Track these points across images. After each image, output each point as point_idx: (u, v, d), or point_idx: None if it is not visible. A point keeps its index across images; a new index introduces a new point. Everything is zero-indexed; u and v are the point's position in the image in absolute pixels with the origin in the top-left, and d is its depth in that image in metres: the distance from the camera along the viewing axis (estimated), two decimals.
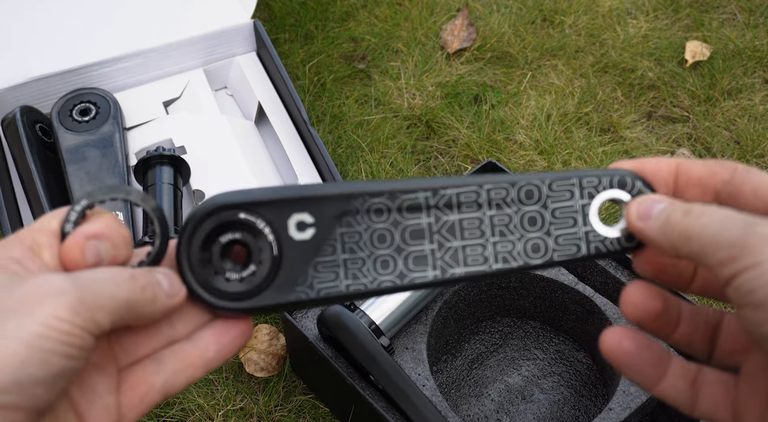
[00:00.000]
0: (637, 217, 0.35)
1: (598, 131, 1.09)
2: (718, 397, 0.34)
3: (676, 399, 0.35)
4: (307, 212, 0.36)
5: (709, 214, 0.31)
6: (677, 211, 0.33)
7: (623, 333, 0.35)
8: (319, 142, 0.93)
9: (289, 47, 1.16)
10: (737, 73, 1.16)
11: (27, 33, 0.99)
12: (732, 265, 0.29)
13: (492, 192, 0.37)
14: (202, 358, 0.36)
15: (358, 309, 0.72)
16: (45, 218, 0.34)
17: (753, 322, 0.28)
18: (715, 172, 0.34)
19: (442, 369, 0.80)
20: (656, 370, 0.35)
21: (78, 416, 0.33)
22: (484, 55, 1.18)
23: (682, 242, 0.31)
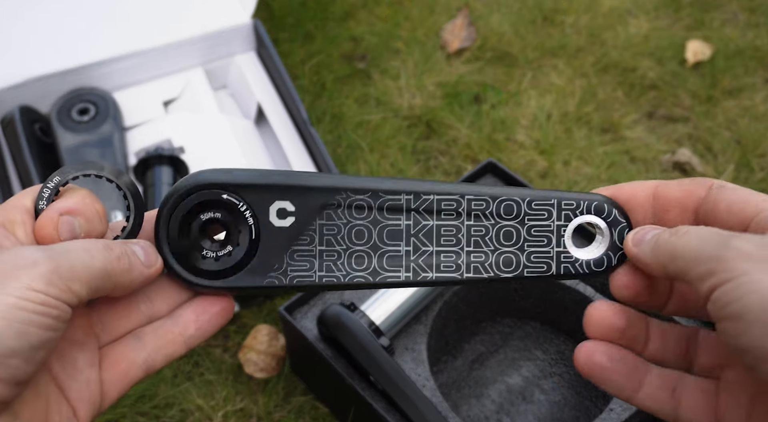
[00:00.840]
0: (632, 244, 0.36)
1: (599, 131, 1.09)
2: (700, 407, 0.34)
3: (657, 409, 0.35)
4: (290, 201, 0.36)
5: (692, 231, 0.32)
6: (666, 232, 0.34)
7: (595, 347, 0.36)
8: (319, 141, 0.92)
9: (289, 47, 1.16)
10: (738, 73, 1.16)
11: (26, 33, 0.99)
12: (710, 280, 0.30)
13: (473, 203, 0.37)
14: (183, 335, 0.36)
15: (358, 309, 0.72)
16: (18, 196, 0.35)
17: (731, 334, 0.29)
18: (690, 191, 0.35)
19: (443, 370, 0.80)
20: (631, 382, 0.35)
21: (60, 390, 0.33)
22: (484, 55, 1.18)
23: (669, 260, 0.32)
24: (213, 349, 0.86)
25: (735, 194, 0.34)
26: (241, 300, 0.87)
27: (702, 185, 0.35)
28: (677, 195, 0.36)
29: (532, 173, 1.03)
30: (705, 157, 1.06)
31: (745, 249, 0.29)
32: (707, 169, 1.04)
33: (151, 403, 0.81)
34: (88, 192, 0.35)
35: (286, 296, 0.89)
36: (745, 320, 0.28)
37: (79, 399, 0.34)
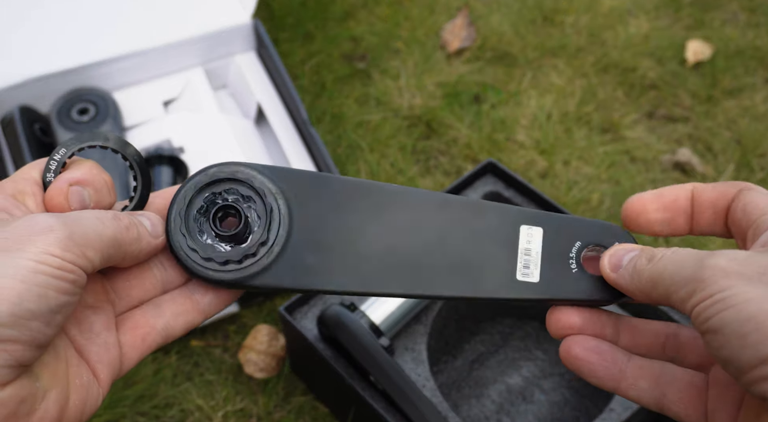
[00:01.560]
0: (610, 269, 0.36)
1: (599, 131, 1.09)
2: (688, 400, 0.35)
3: (641, 399, 0.36)
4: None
5: (668, 257, 0.33)
6: (642, 258, 0.34)
7: (573, 340, 0.37)
8: (319, 141, 0.92)
9: (289, 47, 1.16)
10: (738, 73, 1.16)
11: (26, 33, 0.99)
12: (691, 300, 0.30)
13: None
14: (200, 304, 0.37)
15: (358, 309, 0.72)
16: (25, 168, 0.35)
17: (713, 347, 0.30)
18: (723, 192, 0.36)
19: (443, 370, 0.80)
20: (610, 372, 0.36)
21: (79, 354, 0.34)
22: (484, 55, 1.18)
23: (650, 287, 0.33)
24: (213, 349, 0.86)
25: (753, 198, 0.34)
26: (241, 300, 0.87)
27: (734, 186, 0.35)
28: (711, 196, 0.36)
29: (532, 173, 1.03)
30: (705, 157, 1.06)
31: (720, 266, 0.30)
32: (707, 169, 1.04)
33: (151, 403, 0.81)
34: (95, 163, 0.36)
35: (286, 296, 0.89)
36: (723, 333, 0.29)
37: (98, 362, 0.34)
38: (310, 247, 0.36)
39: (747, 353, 0.28)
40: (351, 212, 0.37)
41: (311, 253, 0.36)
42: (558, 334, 0.37)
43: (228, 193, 0.37)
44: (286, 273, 0.36)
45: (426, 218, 0.38)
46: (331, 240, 0.37)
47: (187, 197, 0.36)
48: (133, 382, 0.82)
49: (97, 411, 0.79)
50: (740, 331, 0.28)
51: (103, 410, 0.79)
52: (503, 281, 0.37)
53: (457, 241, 0.38)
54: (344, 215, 0.37)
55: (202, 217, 0.36)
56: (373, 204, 0.38)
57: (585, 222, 0.38)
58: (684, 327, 0.37)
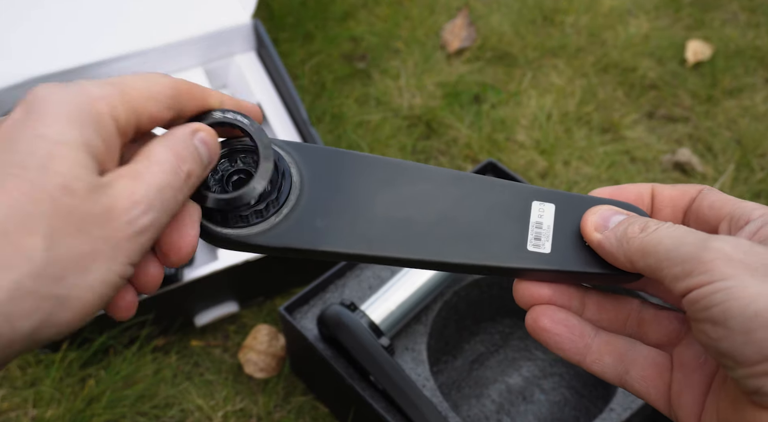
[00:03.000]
0: (593, 227, 0.36)
1: (599, 131, 1.09)
2: (651, 379, 0.35)
3: (604, 374, 0.36)
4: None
5: (664, 230, 0.32)
6: (634, 225, 0.34)
7: (541, 310, 0.36)
8: (319, 141, 0.92)
9: (289, 47, 1.16)
10: (738, 73, 1.16)
11: (26, 33, 0.99)
12: (687, 280, 0.30)
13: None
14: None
15: (358, 309, 0.72)
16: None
17: (710, 337, 0.29)
18: (684, 191, 0.36)
19: (443, 370, 0.80)
20: (575, 345, 0.36)
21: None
22: (484, 55, 1.18)
23: (639, 256, 0.32)
24: (213, 349, 0.86)
25: (719, 196, 0.35)
26: (241, 300, 0.87)
27: (694, 187, 0.36)
28: (671, 194, 0.37)
29: (532, 173, 1.03)
30: (705, 157, 1.06)
31: (725, 251, 0.29)
32: (707, 169, 1.04)
33: (151, 403, 0.81)
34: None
35: (286, 296, 0.89)
36: (726, 326, 0.28)
37: None
38: (320, 212, 0.37)
39: (750, 349, 0.28)
40: (363, 182, 0.38)
41: (321, 217, 0.36)
42: (526, 303, 0.37)
43: (242, 160, 0.37)
44: (293, 234, 0.36)
45: (438, 191, 0.38)
46: (341, 206, 0.37)
47: None
48: (133, 382, 0.82)
49: (96, 412, 0.79)
50: (747, 327, 0.28)
51: (102, 410, 0.79)
52: (513, 250, 0.37)
53: (467, 213, 0.38)
54: (356, 185, 0.37)
55: (213, 179, 0.36)
56: (385, 176, 0.38)
57: (599, 200, 0.38)
58: (648, 304, 0.37)
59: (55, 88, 0.30)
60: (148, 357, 0.84)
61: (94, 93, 0.30)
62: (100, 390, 0.80)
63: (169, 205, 0.31)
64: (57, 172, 0.28)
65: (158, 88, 0.33)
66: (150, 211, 0.30)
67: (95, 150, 0.30)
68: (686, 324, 0.36)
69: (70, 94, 0.30)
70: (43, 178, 0.28)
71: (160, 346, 0.85)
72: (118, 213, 0.29)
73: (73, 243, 0.28)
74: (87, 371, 0.82)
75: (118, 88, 0.31)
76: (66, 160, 0.28)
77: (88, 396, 0.80)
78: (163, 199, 0.31)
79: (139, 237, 0.30)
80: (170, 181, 0.31)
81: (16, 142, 0.29)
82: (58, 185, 0.28)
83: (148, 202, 0.30)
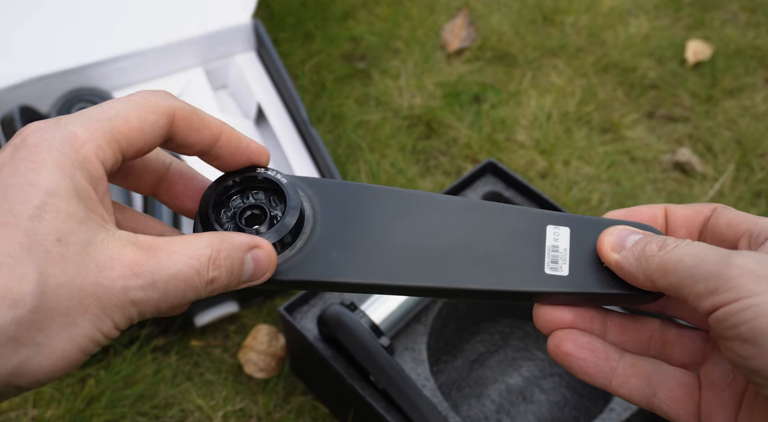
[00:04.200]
0: (610, 248, 0.35)
1: (599, 131, 1.09)
2: (680, 400, 0.35)
3: (631, 397, 0.36)
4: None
5: (683, 247, 0.32)
6: (652, 244, 0.33)
7: (564, 335, 0.36)
8: (319, 141, 0.92)
9: (289, 47, 1.16)
10: (738, 73, 1.16)
11: (26, 33, 0.99)
12: (712, 298, 0.29)
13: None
14: None
15: (358, 309, 0.72)
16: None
17: (739, 355, 0.29)
18: (698, 211, 0.36)
19: (443, 370, 0.80)
20: (601, 369, 0.35)
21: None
22: (484, 55, 1.18)
23: (659, 275, 0.32)
24: (213, 349, 0.86)
25: (735, 213, 0.35)
26: (241, 300, 0.87)
27: (708, 206, 0.36)
28: (685, 213, 0.36)
29: (532, 173, 1.03)
30: (705, 157, 1.06)
31: (750, 267, 0.29)
32: (707, 169, 1.04)
33: (151, 403, 0.81)
34: None
35: (286, 296, 0.89)
36: (756, 344, 0.28)
37: None
38: (335, 244, 0.36)
39: None
40: (376, 213, 0.38)
41: (336, 249, 0.36)
42: (547, 328, 0.36)
43: (255, 196, 0.37)
44: (309, 267, 0.36)
45: (451, 219, 0.38)
46: (355, 237, 0.37)
47: (218, 198, 0.36)
48: (133, 382, 0.82)
49: (96, 412, 0.79)
50: None
51: (102, 410, 0.79)
52: (531, 275, 0.36)
53: (482, 239, 0.37)
54: (369, 216, 0.37)
55: (226, 216, 0.36)
56: (397, 205, 0.38)
57: (614, 221, 0.38)
58: (669, 324, 0.37)
59: (42, 132, 0.30)
60: (148, 357, 0.84)
61: (80, 137, 0.30)
62: (100, 390, 0.80)
63: (174, 296, 0.30)
64: (51, 225, 0.28)
65: (152, 119, 0.32)
66: (150, 289, 0.30)
67: (85, 195, 0.29)
68: (710, 343, 0.36)
69: (57, 139, 0.29)
70: (36, 229, 0.28)
71: (160, 346, 0.85)
72: (113, 277, 0.29)
73: (62, 295, 0.28)
74: (87, 371, 0.82)
75: (107, 125, 0.31)
76: (60, 212, 0.28)
77: (88, 396, 0.80)
78: (169, 287, 0.30)
79: (130, 306, 0.29)
80: (187, 277, 0.31)
81: (7, 189, 0.28)
82: (52, 237, 0.28)
83: (152, 281, 0.30)
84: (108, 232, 0.30)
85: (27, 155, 0.29)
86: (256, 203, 0.37)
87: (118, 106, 0.31)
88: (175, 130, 0.33)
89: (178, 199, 0.38)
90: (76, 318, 0.28)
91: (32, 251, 0.27)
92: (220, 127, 0.35)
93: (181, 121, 0.33)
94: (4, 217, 0.28)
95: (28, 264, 0.27)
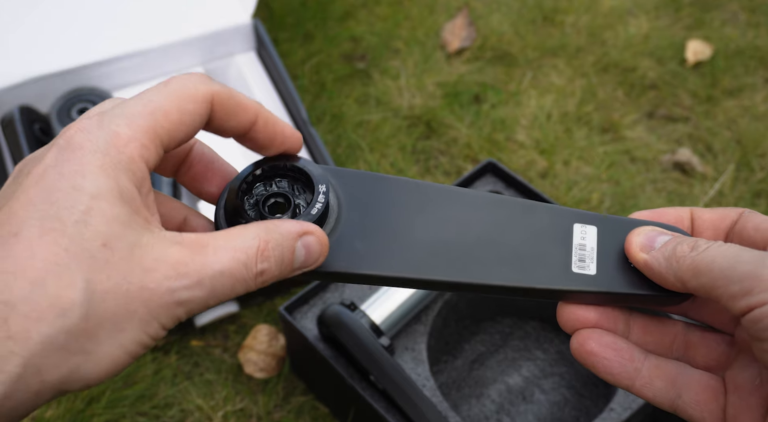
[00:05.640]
0: (639, 248, 0.35)
1: (599, 131, 1.09)
2: (705, 403, 0.34)
3: (655, 398, 0.35)
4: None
5: (716, 248, 0.32)
6: (683, 244, 0.33)
7: (588, 334, 0.36)
8: (319, 141, 0.92)
9: (289, 47, 1.16)
10: (738, 73, 1.16)
11: (26, 33, 0.99)
12: (746, 299, 0.29)
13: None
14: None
15: (358, 309, 0.72)
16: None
17: None
18: (725, 214, 0.36)
19: (443, 370, 0.80)
20: (625, 369, 0.35)
21: None
22: (484, 55, 1.18)
23: (690, 276, 0.32)
24: (213, 349, 0.86)
25: (763, 218, 0.35)
26: (241, 300, 0.87)
27: (735, 210, 0.36)
28: (711, 217, 0.36)
29: (532, 173, 1.03)
30: (705, 157, 1.06)
31: None
32: (707, 169, 1.04)
33: (151, 403, 0.81)
34: None
35: (286, 296, 0.89)
36: None
37: None
38: (359, 235, 0.36)
39: None
40: (400, 205, 0.37)
41: (360, 240, 0.36)
42: (572, 327, 0.36)
43: (278, 184, 0.37)
44: (333, 258, 0.35)
45: (476, 214, 0.38)
46: (380, 229, 0.36)
47: (241, 185, 0.36)
48: (133, 382, 0.82)
49: (96, 412, 0.79)
50: None
51: (102, 410, 0.79)
52: (558, 273, 0.36)
53: (507, 235, 0.37)
54: (393, 208, 0.37)
55: (249, 203, 0.36)
56: (422, 199, 0.37)
57: (641, 222, 0.37)
58: (693, 326, 0.37)
59: (86, 133, 0.30)
60: (148, 357, 0.83)
61: (123, 136, 0.30)
62: (100, 390, 0.80)
63: (222, 292, 0.30)
64: (96, 229, 0.28)
65: (191, 108, 0.32)
66: (196, 288, 0.29)
67: (129, 196, 0.29)
68: (735, 347, 0.36)
69: (101, 140, 0.29)
70: (82, 234, 0.28)
71: (160, 346, 0.85)
72: (159, 279, 0.29)
73: (110, 302, 0.28)
74: None
75: (150, 120, 0.30)
76: (105, 216, 0.28)
77: (88, 396, 0.80)
78: (215, 284, 0.30)
79: (176, 307, 0.29)
80: (235, 272, 0.30)
81: (53, 193, 0.28)
82: (97, 242, 0.28)
83: (197, 280, 0.29)
84: (152, 234, 0.30)
85: (71, 157, 0.29)
86: (279, 191, 0.36)
87: (158, 97, 0.31)
88: (213, 115, 0.33)
89: (197, 181, 0.37)
90: (123, 323, 0.28)
91: (78, 258, 0.27)
92: (256, 109, 0.35)
93: (219, 106, 0.33)
94: (51, 223, 0.28)
95: (75, 271, 0.27)
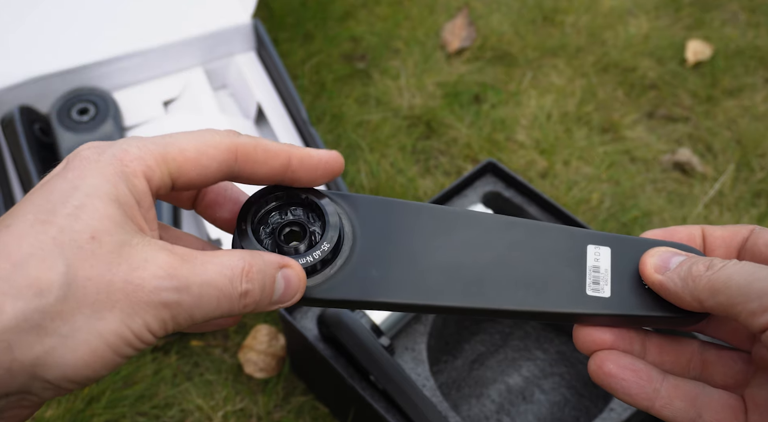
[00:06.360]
0: (654, 269, 0.35)
1: (599, 131, 1.09)
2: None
3: (675, 419, 0.35)
4: None
5: (732, 266, 0.32)
6: (698, 264, 0.33)
7: (606, 356, 0.36)
8: (319, 141, 0.92)
9: (289, 47, 1.16)
10: (738, 73, 1.16)
11: (26, 33, 0.99)
12: (766, 315, 0.29)
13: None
14: None
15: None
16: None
17: None
18: (736, 232, 0.36)
19: (443, 370, 0.80)
20: (644, 390, 0.35)
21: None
22: (484, 55, 1.18)
23: (707, 295, 0.32)
24: (213, 349, 0.86)
25: None
26: None
27: (745, 227, 0.36)
28: (723, 234, 0.37)
29: (532, 173, 1.03)
30: (705, 157, 1.06)
31: None
32: (707, 169, 1.04)
33: (151, 403, 0.81)
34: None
35: None
36: None
37: None
38: (374, 262, 0.36)
39: None
40: (414, 230, 0.37)
41: (375, 268, 0.36)
42: (588, 349, 0.36)
43: (293, 212, 0.37)
44: (349, 285, 0.35)
45: (489, 237, 0.38)
46: (394, 256, 0.36)
47: (256, 213, 0.36)
48: (133, 382, 0.82)
49: (96, 412, 0.79)
50: None
51: (102, 410, 0.79)
52: (572, 296, 0.36)
53: (521, 259, 0.37)
54: (407, 233, 0.37)
55: (265, 232, 0.36)
56: (435, 223, 0.38)
57: (655, 242, 0.37)
58: (708, 345, 0.37)
59: (96, 149, 0.31)
60: (148, 357, 0.84)
61: (130, 154, 0.31)
62: (100, 389, 0.80)
63: (208, 304, 0.30)
64: (87, 223, 0.28)
65: (211, 153, 0.32)
66: (183, 291, 0.29)
67: (125, 201, 0.30)
68: (752, 365, 0.36)
69: (108, 155, 0.30)
70: (71, 226, 0.28)
71: (160, 346, 0.85)
72: (146, 277, 0.29)
73: (90, 288, 0.28)
74: None
75: (161, 148, 0.31)
76: (97, 212, 0.29)
77: (88, 396, 0.80)
78: (203, 293, 0.30)
79: (160, 309, 0.29)
80: (221, 285, 0.31)
81: (51, 191, 0.29)
82: (86, 235, 0.28)
83: (186, 284, 0.29)
84: (143, 238, 0.30)
85: (76, 166, 0.30)
86: (294, 219, 0.36)
87: (180, 136, 0.32)
88: (241, 167, 0.33)
89: (210, 208, 0.37)
90: (103, 312, 0.28)
91: (64, 246, 0.28)
92: (287, 152, 0.35)
93: (244, 156, 0.33)
94: (44, 216, 0.28)
95: (58, 257, 0.28)
